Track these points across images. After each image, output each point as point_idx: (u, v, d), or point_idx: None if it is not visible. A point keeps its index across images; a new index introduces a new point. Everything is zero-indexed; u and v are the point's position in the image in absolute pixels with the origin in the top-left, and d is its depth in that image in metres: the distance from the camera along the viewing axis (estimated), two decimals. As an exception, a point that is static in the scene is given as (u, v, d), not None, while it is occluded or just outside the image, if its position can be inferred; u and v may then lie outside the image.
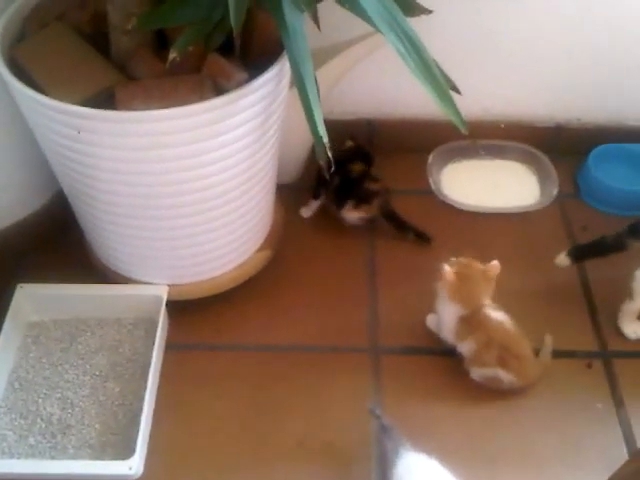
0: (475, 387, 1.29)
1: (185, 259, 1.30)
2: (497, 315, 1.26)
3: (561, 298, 1.46)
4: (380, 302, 1.44)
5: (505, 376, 1.24)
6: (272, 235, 1.44)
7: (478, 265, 1.25)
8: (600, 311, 1.43)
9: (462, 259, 1.26)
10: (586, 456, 1.19)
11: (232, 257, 1.34)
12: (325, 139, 0.92)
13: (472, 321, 1.25)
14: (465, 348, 1.27)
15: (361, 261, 1.52)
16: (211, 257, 1.31)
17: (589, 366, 1.34)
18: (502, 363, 1.23)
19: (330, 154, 0.93)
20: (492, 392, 1.28)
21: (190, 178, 1.11)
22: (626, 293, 1.35)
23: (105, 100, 1.05)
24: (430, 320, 1.36)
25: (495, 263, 1.24)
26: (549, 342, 1.31)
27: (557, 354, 1.33)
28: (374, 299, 1.45)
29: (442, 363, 1.33)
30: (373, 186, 1.51)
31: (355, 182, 1.51)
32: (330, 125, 0.99)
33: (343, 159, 1.54)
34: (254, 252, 1.39)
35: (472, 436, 1.23)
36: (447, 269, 1.23)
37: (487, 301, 1.26)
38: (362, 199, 1.50)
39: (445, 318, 1.29)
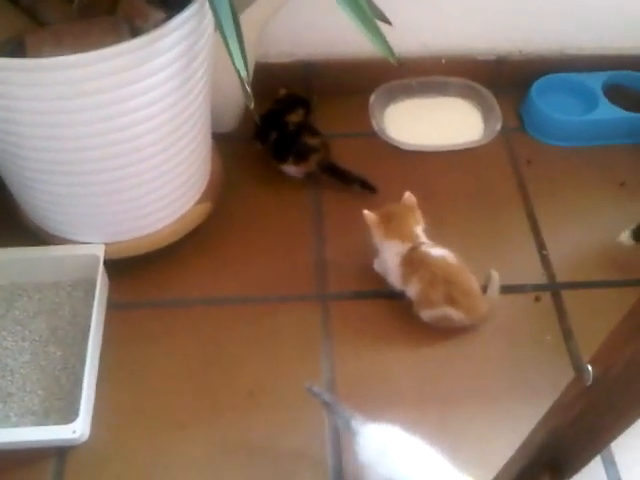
0: (425, 328, 1.28)
1: (120, 214, 1.25)
2: (438, 252, 1.25)
3: (508, 233, 1.45)
4: (327, 249, 1.42)
5: (454, 314, 1.24)
6: (211, 186, 1.39)
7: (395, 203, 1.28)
8: (548, 244, 1.42)
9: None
10: (536, 389, 1.19)
11: (170, 210, 1.29)
12: (243, 72, 0.87)
13: (414, 261, 1.24)
14: (412, 290, 1.26)
15: (306, 209, 1.49)
16: (147, 211, 1.26)
17: (537, 299, 1.34)
18: (449, 300, 1.22)
19: (249, 89, 0.88)
20: (442, 332, 1.28)
21: (114, 128, 1.06)
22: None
23: (15, 49, 0.99)
24: (377, 264, 1.34)
25: (407, 193, 1.27)
26: (496, 277, 1.31)
27: (505, 289, 1.33)
28: (321, 246, 1.42)
29: (391, 306, 1.32)
30: (311, 141, 1.47)
31: (293, 136, 1.47)
32: (267, 68, 0.95)
33: (279, 109, 1.49)
34: (193, 204, 1.35)
35: (424, 377, 1.23)
36: (367, 212, 1.25)
37: (421, 233, 1.27)
38: (301, 155, 1.46)
39: (388, 263, 1.28)
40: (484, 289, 1.29)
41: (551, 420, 0.80)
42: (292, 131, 1.47)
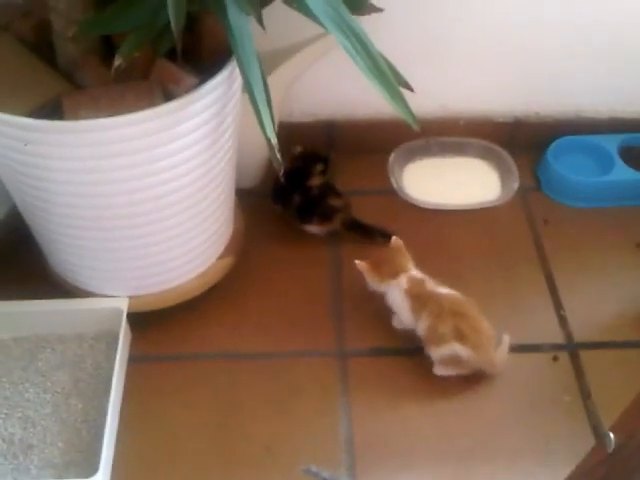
0: (443, 386, 1.29)
1: (145, 269, 1.28)
2: (445, 289, 1.28)
3: (525, 293, 1.46)
4: (346, 305, 1.43)
5: (462, 350, 1.24)
6: (234, 242, 1.42)
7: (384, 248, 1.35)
8: (565, 303, 1.43)
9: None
10: (554, 450, 1.19)
11: (193, 265, 1.32)
12: (274, 140, 0.91)
13: (422, 296, 1.28)
14: (422, 327, 1.27)
15: (325, 265, 1.51)
16: (171, 266, 1.29)
17: (555, 359, 1.34)
18: (458, 335, 1.23)
19: (279, 156, 0.92)
20: (460, 389, 1.28)
21: (144, 186, 1.09)
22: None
23: (52, 111, 1.03)
24: (395, 320, 1.35)
25: (394, 238, 1.34)
26: (506, 340, 1.31)
27: (523, 348, 1.34)
28: (340, 302, 1.44)
29: (409, 363, 1.32)
30: (335, 202, 1.51)
31: (317, 199, 1.51)
32: (289, 128, 0.98)
33: (299, 167, 1.53)
34: (216, 260, 1.37)
35: (441, 433, 1.23)
36: (358, 262, 1.31)
37: (414, 270, 1.31)
38: (325, 216, 1.50)
39: (395, 304, 1.32)
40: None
41: (572, 486, 0.80)
42: (316, 194, 1.51)
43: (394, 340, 1.35)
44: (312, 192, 1.51)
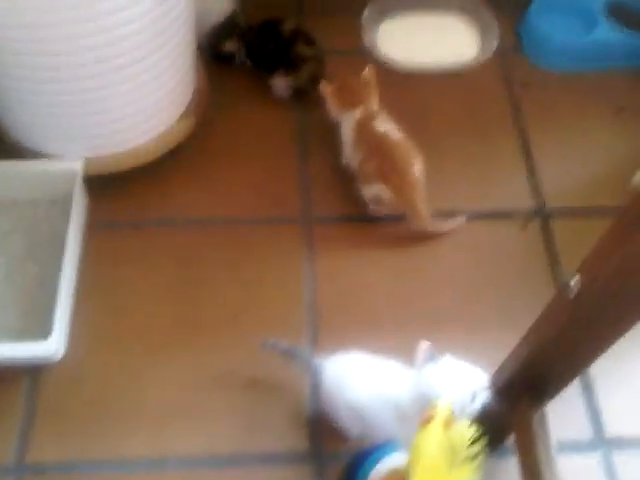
0: (409, 250, 1.27)
1: (100, 127, 1.20)
2: (387, 127, 1.24)
3: (500, 158, 1.41)
4: (311, 170, 1.37)
5: (385, 192, 1.22)
6: (195, 102, 1.34)
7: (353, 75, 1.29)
8: (539, 170, 1.38)
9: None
10: (519, 316, 1.14)
11: (150, 125, 1.25)
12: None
13: (364, 132, 1.25)
14: (354, 162, 1.26)
15: (292, 131, 1.43)
16: (127, 124, 1.21)
17: (525, 226, 1.31)
18: (382, 176, 1.21)
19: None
20: (427, 257, 1.26)
21: (88, 32, 1.00)
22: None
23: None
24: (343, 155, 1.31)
25: (367, 68, 1.29)
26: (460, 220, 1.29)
27: (494, 215, 1.32)
28: (305, 168, 1.38)
29: (375, 230, 1.30)
30: (305, 51, 1.41)
31: (285, 46, 1.40)
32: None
33: (269, 22, 1.43)
34: (176, 121, 1.30)
35: (406, 301, 1.22)
36: (323, 83, 1.28)
37: (376, 109, 1.27)
38: (292, 65, 1.40)
39: (344, 137, 1.28)
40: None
41: (534, 335, 0.78)
42: (285, 40, 1.41)
43: (361, 208, 1.30)
44: (282, 38, 1.41)
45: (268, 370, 1.11)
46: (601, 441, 1.09)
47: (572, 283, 0.65)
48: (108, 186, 1.28)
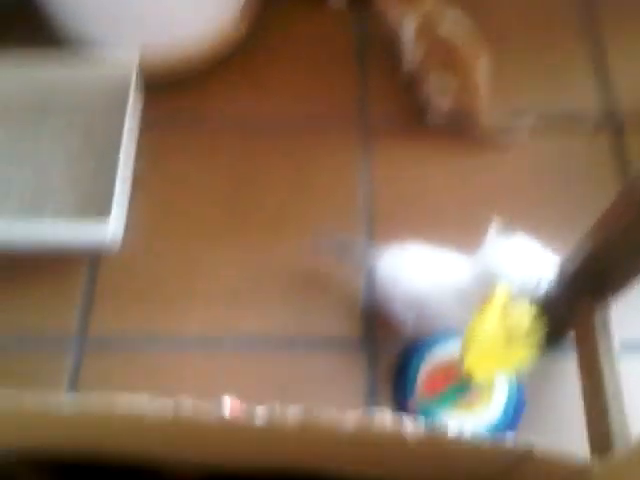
0: (470, 153, 1.22)
1: (155, 22, 1.19)
2: (449, 23, 1.18)
3: (571, 60, 1.32)
4: (369, 81, 1.32)
5: (449, 83, 1.17)
6: (250, 6, 1.31)
7: None
8: (614, 74, 1.29)
9: None
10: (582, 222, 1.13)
11: (204, 23, 1.23)
12: None
13: (425, 32, 1.19)
14: (417, 60, 1.21)
15: (348, 40, 1.37)
16: (181, 21, 1.20)
17: (595, 132, 1.24)
18: (447, 67, 1.16)
19: None
20: (490, 154, 1.21)
21: None
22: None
23: None
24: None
25: None
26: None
27: (563, 120, 1.25)
28: (363, 79, 1.32)
29: (435, 136, 1.24)
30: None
31: None
32: None
33: None
34: (230, 23, 1.28)
35: (466, 201, 1.18)
36: None
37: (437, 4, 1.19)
38: None
39: (406, 37, 1.22)
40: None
41: (599, 231, 0.74)
42: None
43: (421, 117, 1.25)
44: None
45: (323, 262, 1.11)
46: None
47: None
48: (163, 86, 1.27)
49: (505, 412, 0.97)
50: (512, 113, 1.23)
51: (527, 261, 0.89)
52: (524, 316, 0.73)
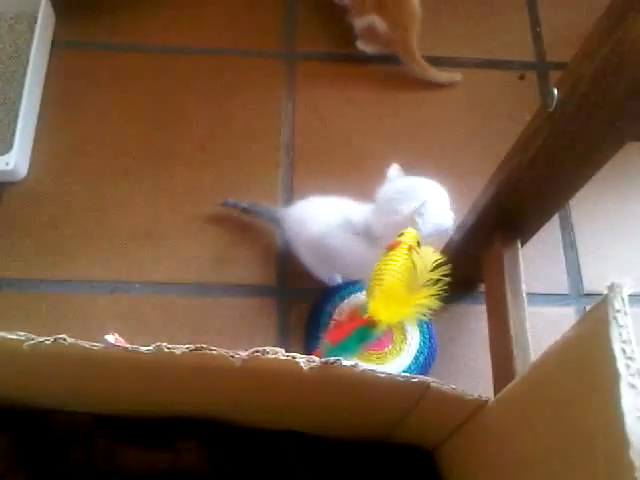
0: (394, 95, 1.20)
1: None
2: None
3: (502, 4, 1.31)
4: (298, 5, 1.27)
5: (380, 24, 1.14)
6: None
7: None
8: (544, 20, 1.29)
9: None
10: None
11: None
12: None
13: None
14: None
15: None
16: None
17: (522, 77, 1.24)
18: (379, 5, 1.13)
19: None
20: (414, 99, 1.20)
21: None
22: None
23: None
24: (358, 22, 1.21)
25: None
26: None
27: (491, 64, 1.24)
28: (291, 2, 1.27)
29: (362, 71, 1.22)
30: None
31: None
32: None
33: None
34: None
35: (389, 144, 1.16)
36: None
37: None
38: None
39: None
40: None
41: (510, 161, 0.73)
42: None
43: (349, 47, 1.22)
44: None
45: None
46: (577, 296, 1.06)
47: (554, 93, 0.59)
48: (77, 7, 1.19)
49: (416, 361, 0.97)
50: (442, 56, 1.22)
51: (435, 205, 0.87)
52: (430, 261, 0.72)
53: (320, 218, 0.93)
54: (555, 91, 0.58)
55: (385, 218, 0.84)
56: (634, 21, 0.47)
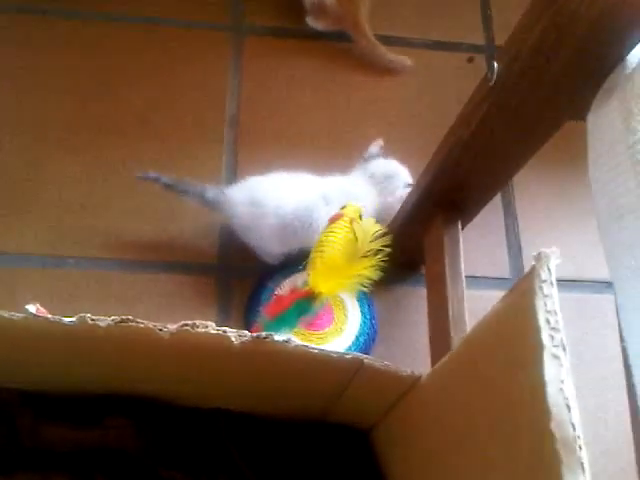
0: (342, 74, 1.18)
1: None
2: None
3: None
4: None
5: None
6: None
7: None
8: (495, 3, 1.29)
9: None
10: None
11: None
12: None
13: None
14: None
15: None
16: None
17: (470, 60, 1.24)
18: None
19: None
20: (362, 80, 1.19)
21: None
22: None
23: None
24: None
25: None
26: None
27: (440, 45, 1.24)
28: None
29: (312, 48, 1.20)
30: None
31: None
32: None
33: None
34: None
35: (335, 122, 1.14)
36: None
37: None
38: None
39: None
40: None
41: (451, 137, 0.72)
42: None
43: (296, 21, 1.20)
44: None
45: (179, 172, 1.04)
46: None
47: (494, 66, 0.58)
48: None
49: (356, 341, 0.96)
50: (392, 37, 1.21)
51: (385, 181, 0.87)
52: (371, 232, 0.71)
53: (292, 194, 0.91)
54: (495, 64, 0.58)
55: (379, 197, 0.88)
56: (573, -7, 0.47)
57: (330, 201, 0.90)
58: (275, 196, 0.91)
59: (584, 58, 0.51)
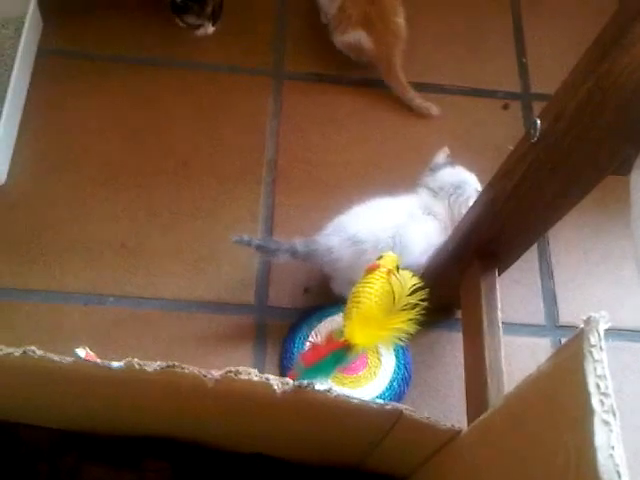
0: (381, 116, 1.21)
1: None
2: None
3: (489, 36, 1.32)
4: (287, 26, 1.28)
5: (365, 40, 1.15)
6: None
7: None
8: (529, 51, 1.30)
9: None
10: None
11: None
12: None
13: None
14: (334, 6, 1.18)
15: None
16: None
17: (506, 107, 1.25)
18: (365, 21, 1.14)
19: None
20: (398, 123, 1.20)
21: None
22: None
23: None
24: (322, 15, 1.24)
25: None
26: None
27: (475, 92, 1.25)
28: (281, 23, 1.28)
29: (348, 93, 1.22)
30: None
31: None
32: None
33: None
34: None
35: (373, 167, 1.16)
36: None
37: None
38: None
39: None
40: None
41: (491, 190, 0.73)
42: None
43: (336, 68, 1.23)
44: None
45: (218, 217, 1.07)
46: (553, 327, 1.06)
47: (537, 123, 0.59)
48: (65, 14, 1.18)
49: (390, 386, 0.96)
50: (427, 83, 1.23)
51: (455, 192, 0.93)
52: (408, 285, 0.72)
53: (383, 223, 0.92)
54: (538, 122, 0.59)
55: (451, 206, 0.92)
56: (618, 56, 0.48)
57: (417, 218, 0.92)
58: (369, 229, 0.91)
59: (628, 119, 0.52)
